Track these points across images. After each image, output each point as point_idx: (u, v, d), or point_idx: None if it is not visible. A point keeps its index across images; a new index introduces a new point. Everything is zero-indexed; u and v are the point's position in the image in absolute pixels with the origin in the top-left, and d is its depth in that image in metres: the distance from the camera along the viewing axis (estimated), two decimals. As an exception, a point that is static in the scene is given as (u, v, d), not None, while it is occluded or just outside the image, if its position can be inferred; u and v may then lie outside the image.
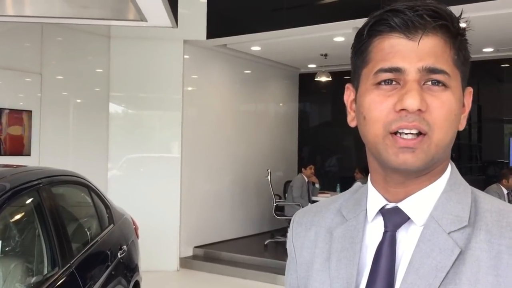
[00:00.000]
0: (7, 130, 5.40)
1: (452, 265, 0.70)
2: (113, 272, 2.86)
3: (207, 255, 6.95)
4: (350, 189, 0.90)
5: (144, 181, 6.60)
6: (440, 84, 0.72)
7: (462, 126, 0.78)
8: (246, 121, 7.99)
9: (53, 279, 2.17)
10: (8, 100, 5.49)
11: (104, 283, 2.65)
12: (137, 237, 3.73)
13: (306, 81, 9.13)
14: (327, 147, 9.16)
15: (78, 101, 6.33)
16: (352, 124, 0.82)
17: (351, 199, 0.86)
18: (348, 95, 0.83)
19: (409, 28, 0.72)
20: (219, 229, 7.42)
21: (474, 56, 6.40)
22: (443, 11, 0.73)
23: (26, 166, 2.74)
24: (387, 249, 0.75)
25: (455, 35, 0.74)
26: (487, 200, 0.76)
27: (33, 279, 2.22)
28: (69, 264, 2.32)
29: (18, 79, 5.60)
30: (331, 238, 0.83)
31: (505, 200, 5.88)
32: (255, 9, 6.33)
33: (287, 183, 7.94)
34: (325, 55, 7.28)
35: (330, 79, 7.73)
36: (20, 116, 5.55)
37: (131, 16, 4.30)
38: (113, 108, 6.62)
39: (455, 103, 0.73)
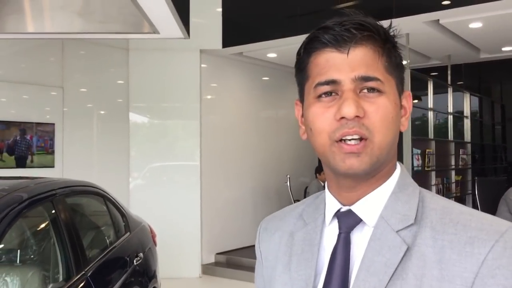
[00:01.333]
0: (33, 144, 5.58)
1: (400, 261, 0.75)
2: (129, 279, 2.94)
3: (229, 262, 7.00)
4: (312, 195, 0.94)
5: (165, 189, 6.70)
6: (374, 91, 0.78)
7: (404, 127, 0.83)
8: (265, 128, 8.04)
9: (68, 286, 2.25)
10: (33, 114, 5.69)
11: (119, 289, 2.72)
12: (155, 244, 3.80)
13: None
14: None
15: (101, 112, 6.50)
16: (304, 137, 0.87)
17: (312, 204, 0.91)
18: (298, 110, 0.89)
19: (339, 42, 0.78)
20: (240, 236, 7.46)
21: (494, 55, 6.28)
22: (368, 23, 0.79)
23: (43, 177, 2.85)
24: (341, 250, 0.80)
25: (383, 43, 0.80)
26: (433, 200, 0.81)
27: (50, 286, 2.30)
28: (83, 272, 2.40)
29: (41, 93, 5.79)
30: (293, 242, 0.88)
31: (528, 201, 5.73)
32: (269, 17, 6.39)
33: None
34: (342, 59, 7.28)
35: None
36: (44, 130, 5.73)
37: (145, 29, 4.41)
38: (134, 118, 6.77)
39: (390, 107, 0.78)
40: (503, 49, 7.19)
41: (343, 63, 0.78)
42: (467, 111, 7.79)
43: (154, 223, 4.17)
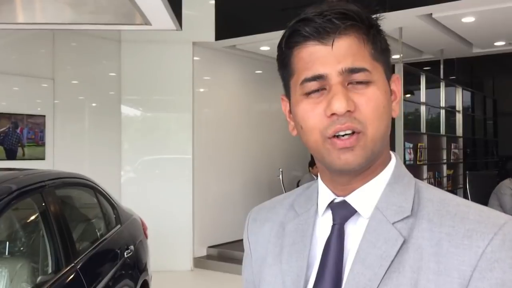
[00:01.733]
0: (23, 135, 5.53)
1: (396, 254, 0.73)
2: (119, 272, 2.93)
3: (221, 255, 7.00)
4: (302, 185, 0.92)
5: (157, 183, 6.68)
6: (363, 83, 0.75)
7: (395, 113, 0.81)
8: (258, 121, 8.02)
9: (56, 278, 2.24)
10: (23, 106, 5.63)
11: (109, 282, 2.71)
12: (146, 237, 3.79)
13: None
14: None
15: (93, 105, 6.45)
16: (294, 133, 0.84)
17: (303, 195, 0.88)
18: (285, 106, 0.86)
19: (322, 34, 0.74)
20: (232, 229, 7.46)
21: (487, 50, 6.29)
22: (351, 11, 0.75)
23: (33, 169, 2.82)
24: (335, 242, 0.78)
25: (367, 30, 0.76)
26: (430, 191, 0.79)
27: (39, 279, 2.28)
28: (73, 264, 2.38)
29: (31, 85, 5.74)
30: (283, 233, 0.85)
31: (519, 195, 5.78)
32: (262, 10, 6.35)
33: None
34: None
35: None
36: (35, 122, 5.68)
37: (137, 20, 4.37)
38: (126, 111, 6.73)
39: (381, 96, 0.76)
40: (496, 44, 7.22)
41: (328, 56, 0.74)
42: (459, 106, 7.82)
43: (146, 216, 4.15)
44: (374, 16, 0.79)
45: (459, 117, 7.84)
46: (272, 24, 6.26)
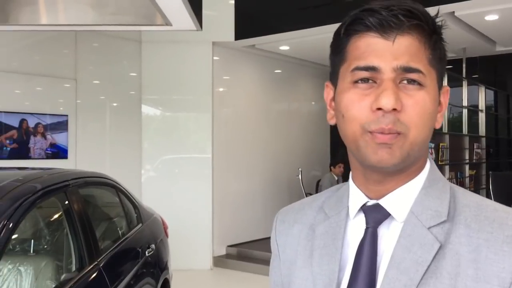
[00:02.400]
0: (46, 135, 5.63)
1: (433, 259, 0.72)
2: (141, 270, 2.96)
3: (240, 254, 7.02)
4: (332, 187, 0.91)
5: (177, 182, 6.73)
6: (415, 83, 0.73)
7: (438, 124, 0.79)
8: (277, 121, 8.02)
9: (80, 277, 2.27)
10: (46, 106, 5.73)
11: (131, 280, 2.74)
12: (167, 236, 3.82)
13: (337, 79, 9.06)
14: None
15: (114, 104, 6.53)
16: (331, 122, 0.83)
17: (333, 197, 0.87)
18: (328, 93, 0.84)
19: (384, 28, 0.73)
20: (251, 228, 7.47)
21: (511, 48, 6.15)
22: (417, 10, 0.74)
23: (56, 168, 2.87)
24: (368, 245, 0.77)
25: (430, 34, 0.75)
26: (466, 195, 0.78)
27: (63, 277, 2.32)
28: (96, 262, 2.41)
29: (54, 85, 5.83)
30: (314, 235, 0.84)
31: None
32: (281, 9, 6.35)
33: (318, 182, 7.93)
34: (355, 52, 7.22)
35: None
36: (57, 121, 5.77)
37: (158, 21, 4.41)
38: (146, 110, 6.79)
39: (429, 102, 0.74)
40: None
41: (386, 51, 0.73)
42: (482, 105, 7.70)
43: (166, 215, 4.18)
44: (438, 22, 0.78)
45: (481, 116, 7.72)
46: (291, 24, 6.25)
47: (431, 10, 0.79)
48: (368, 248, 0.76)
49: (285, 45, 7.10)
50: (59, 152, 5.78)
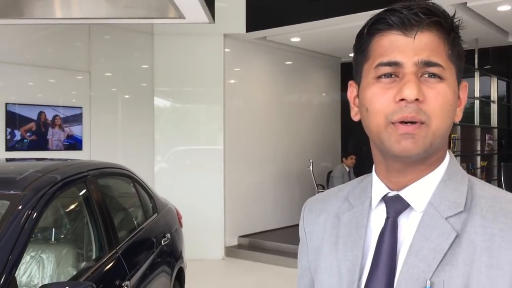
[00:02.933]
0: (62, 127, 5.73)
1: (449, 247, 0.76)
2: (157, 259, 3.03)
3: (252, 244, 7.10)
4: (356, 178, 0.96)
5: (189, 173, 6.80)
6: (435, 76, 0.78)
7: (458, 118, 0.84)
8: (288, 112, 8.05)
9: (100, 264, 2.34)
10: (61, 98, 5.82)
11: (148, 268, 2.81)
12: (181, 226, 3.89)
13: (348, 70, 9.01)
14: (371, 137, 9.04)
15: (126, 97, 6.60)
16: (356, 118, 0.88)
17: (358, 188, 0.92)
18: (351, 92, 0.89)
19: (406, 25, 0.78)
20: (263, 219, 7.55)
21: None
22: (436, 9, 0.79)
23: (73, 159, 2.94)
24: (389, 234, 0.82)
25: (448, 31, 0.80)
26: (483, 187, 0.83)
27: (83, 264, 2.40)
28: (115, 250, 2.49)
29: (68, 78, 5.92)
30: (339, 224, 0.90)
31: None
32: (292, 1, 6.36)
33: (330, 173, 7.96)
34: (366, 43, 7.21)
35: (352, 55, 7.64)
36: (72, 113, 5.86)
37: (171, 14, 4.46)
38: (158, 102, 6.86)
39: (450, 94, 0.79)
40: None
41: (408, 46, 0.78)
42: (494, 96, 7.66)
43: (178, 206, 4.24)
44: (456, 22, 0.82)
45: (494, 107, 7.69)
46: (302, 16, 6.26)
47: (449, 10, 0.83)
48: (388, 236, 0.81)
49: (296, 37, 7.12)
50: (76, 143, 5.87)
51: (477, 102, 7.14)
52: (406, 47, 0.78)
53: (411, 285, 0.77)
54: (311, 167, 7.44)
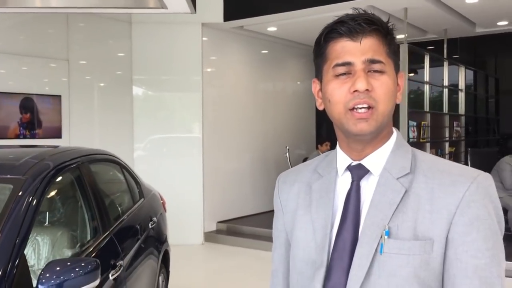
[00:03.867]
0: (40, 115, 5.74)
1: (401, 200, 1.00)
2: (145, 241, 3.16)
3: (230, 230, 7.28)
4: (321, 154, 1.20)
5: (168, 160, 6.91)
6: (378, 72, 1.01)
7: (398, 100, 1.07)
8: (265, 100, 8.20)
9: (95, 244, 2.47)
10: (40, 86, 5.82)
11: (137, 250, 2.95)
12: (165, 210, 4.02)
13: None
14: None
15: (105, 85, 6.63)
16: (321, 108, 1.10)
17: (324, 161, 1.15)
18: (315, 87, 1.12)
19: (353, 33, 1.01)
20: (240, 205, 7.72)
21: (490, 29, 6.45)
22: (375, 19, 1.03)
23: (58, 146, 3.04)
24: (354, 194, 1.05)
25: (385, 35, 1.03)
26: (423, 155, 1.08)
27: (78, 245, 2.52)
28: (108, 232, 2.61)
29: (45, 66, 5.91)
30: (311, 190, 1.12)
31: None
32: (270, -9, 6.48)
33: (305, 160, 8.16)
34: (340, 33, 7.39)
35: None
36: (51, 101, 5.88)
37: (151, 4, 4.53)
38: (136, 90, 6.91)
39: (391, 83, 1.02)
40: (498, 23, 7.34)
41: (356, 49, 1.01)
42: (462, 84, 7.98)
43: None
44: (390, 26, 1.06)
45: (461, 96, 8.01)
46: (279, 6, 6.40)
47: (384, 17, 1.07)
48: (353, 196, 1.04)
49: (273, 27, 7.25)
50: (54, 131, 5.90)
51: (445, 91, 7.43)
52: (355, 50, 1.00)
53: (373, 230, 0.99)
54: (287, 154, 7.63)
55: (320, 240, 1.04)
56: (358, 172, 1.05)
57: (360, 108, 0.98)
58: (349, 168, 1.07)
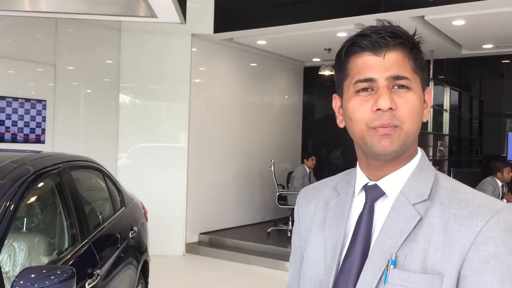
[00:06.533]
0: (23, 119, 5.67)
1: (413, 228, 0.92)
2: (125, 251, 3.12)
3: (212, 241, 7.22)
4: (345, 171, 1.14)
5: (152, 170, 6.86)
6: (404, 87, 0.94)
7: (425, 118, 1.00)
8: (252, 113, 8.22)
9: (73, 252, 2.43)
10: (22, 90, 5.76)
11: (116, 259, 2.90)
12: (147, 220, 3.98)
13: (310, 74, 9.33)
14: (331, 140, 9.38)
15: (89, 91, 6.59)
16: (341, 125, 1.04)
17: (345, 179, 1.10)
18: (336, 103, 1.06)
19: (376, 47, 0.94)
20: (224, 217, 7.68)
21: (475, 52, 6.57)
22: (399, 32, 0.96)
23: (41, 151, 3.00)
24: (366, 216, 0.99)
25: (411, 49, 0.97)
26: (446, 181, 0.99)
27: (55, 252, 2.47)
28: (86, 240, 2.57)
29: (32, 70, 5.86)
30: (327, 208, 1.07)
31: (499, 193, 6.06)
32: (261, 4, 6.53)
33: (290, 174, 8.17)
34: (329, 49, 7.48)
35: (334, 73, 7.91)
36: (35, 106, 5.81)
37: (141, 12, 4.53)
38: (123, 98, 6.88)
39: (417, 101, 0.95)
40: (484, 46, 7.47)
41: (379, 65, 0.94)
42: (446, 105, 8.08)
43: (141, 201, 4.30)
44: (416, 38, 0.99)
45: (446, 116, 8.11)
46: (269, 20, 6.45)
47: (409, 24, 1.00)
48: (365, 218, 0.98)
49: (262, 40, 7.30)
50: (37, 136, 5.83)
51: (431, 110, 7.52)
52: (378, 66, 0.94)
53: (380, 257, 0.93)
54: (272, 167, 7.63)
55: (329, 260, 1.00)
56: (373, 193, 0.99)
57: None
58: (365, 188, 1.01)
